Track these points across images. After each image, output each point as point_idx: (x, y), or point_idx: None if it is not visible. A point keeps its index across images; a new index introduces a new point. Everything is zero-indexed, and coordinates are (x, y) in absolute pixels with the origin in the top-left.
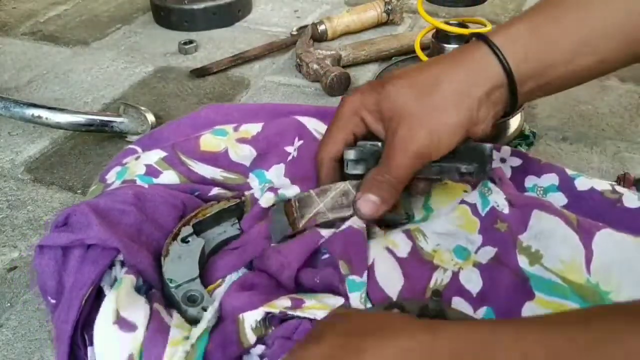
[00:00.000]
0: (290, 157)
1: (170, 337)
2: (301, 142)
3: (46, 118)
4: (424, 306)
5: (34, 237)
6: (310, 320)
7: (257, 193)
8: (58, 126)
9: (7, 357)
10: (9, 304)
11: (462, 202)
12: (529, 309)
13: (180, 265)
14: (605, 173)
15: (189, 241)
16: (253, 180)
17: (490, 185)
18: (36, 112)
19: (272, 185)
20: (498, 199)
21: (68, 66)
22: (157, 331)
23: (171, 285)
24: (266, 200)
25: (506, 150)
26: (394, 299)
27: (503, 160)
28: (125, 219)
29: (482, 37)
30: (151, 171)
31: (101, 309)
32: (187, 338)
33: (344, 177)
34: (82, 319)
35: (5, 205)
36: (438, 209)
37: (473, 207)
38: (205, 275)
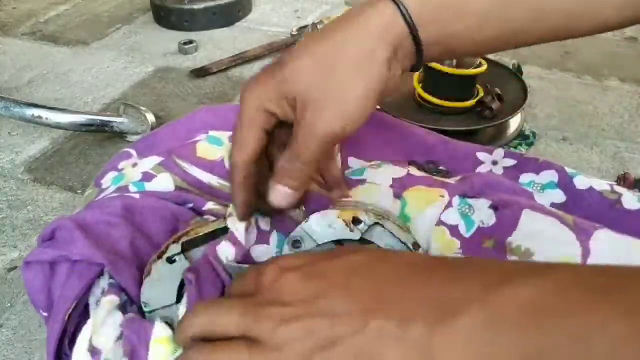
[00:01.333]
0: None
1: None
2: None
3: (46, 118)
4: None
5: (33, 237)
6: None
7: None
8: (58, 126)
9: (7, 357)
10: (9, 304)
11: (440, 223)
12: None
13: (159, 288)
14: (605, 173)
15: (174, 260)
16: None
17: (470, 201)
18: (36, 112)
19: None
20: (482, 214)
21: (68, 66)
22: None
23: (145, 309)
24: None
25: (499, 152)
26: None
27: (495, 163)
28: (113, 232)
29: None
30: (146, 177)
31: (79, 337)
32: None
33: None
34: (68, 332)
35: (5, 205)
36: (415, 217)
37: (454, 229)
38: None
